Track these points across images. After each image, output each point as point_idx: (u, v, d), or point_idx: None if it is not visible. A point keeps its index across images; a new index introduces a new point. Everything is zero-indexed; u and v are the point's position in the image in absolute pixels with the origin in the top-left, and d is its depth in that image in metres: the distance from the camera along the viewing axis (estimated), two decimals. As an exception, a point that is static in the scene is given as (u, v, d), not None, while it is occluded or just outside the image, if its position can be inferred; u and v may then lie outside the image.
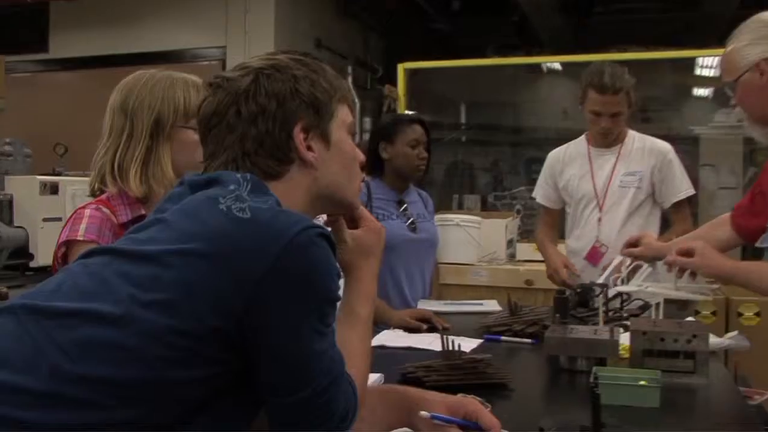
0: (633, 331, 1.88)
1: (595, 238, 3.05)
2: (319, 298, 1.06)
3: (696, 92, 6.84)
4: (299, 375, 1.06)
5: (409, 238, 2.85)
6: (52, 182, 4.03)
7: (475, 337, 2.28)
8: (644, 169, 3.04)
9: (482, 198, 5.93)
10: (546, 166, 3.27)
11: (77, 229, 1.70)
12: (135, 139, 1.75)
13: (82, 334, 1.01)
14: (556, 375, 1.91)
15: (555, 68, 7.46)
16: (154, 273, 1.03)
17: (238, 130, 1.19)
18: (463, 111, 7.60)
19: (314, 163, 1.21)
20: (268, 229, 1.04)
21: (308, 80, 1.22)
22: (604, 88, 2.91)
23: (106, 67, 6.30)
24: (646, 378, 1.63)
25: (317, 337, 1.06)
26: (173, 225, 1.09)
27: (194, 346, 1.01)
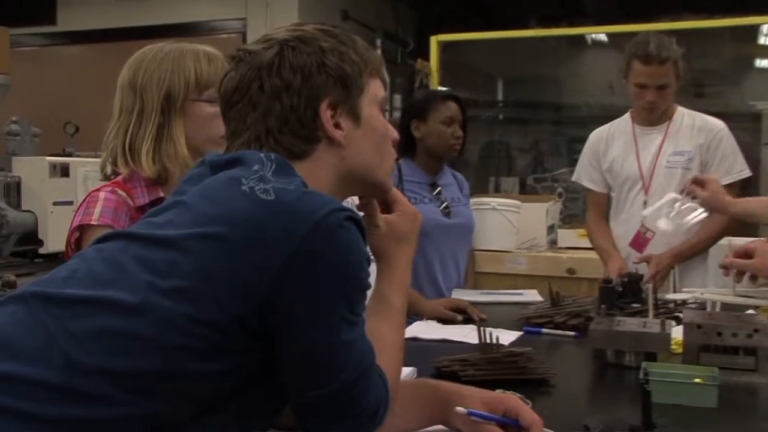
0: (686, 324, 1.86)
1: (640, 222, 3.01)
2: (348, 285, 1.06)
3: (758, 64, 6.72)
4: (327, 367, 1.06)
5: (442, 224, 2.84)
6: (63, 163, 4.07)
7: (514, 329, 2.27)
8: (693, 148, 3.00)
9: (521, 180, 5.92)
10: (588, 146, 3.24)
11: (91, 212, 1.71)
12: (146, 117, 1.75)
13: (96, 323, 1.02)
14: (602, 371, 1.90)
15: (600, 40, 7.38)
16: (172, 258, 1.03)
17: (261, 107, 1.19)
18: (501, 87, 7.56)
19: (342, 141, 1.20)
20: (293, 211, 1.04)
21: (336, 53, 1.21)
22: (649, 58, 2.87)
23: (119, 41, 6.34)
24: (702, 375, 1.61)
25: (346, 327, 1.05)
26: (192, 207, 1.09)
27: (214, 335, 1.01)
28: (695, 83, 6.33)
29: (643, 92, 2.94)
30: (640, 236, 2.99)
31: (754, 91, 6.01)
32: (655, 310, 2.20)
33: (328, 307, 1.04)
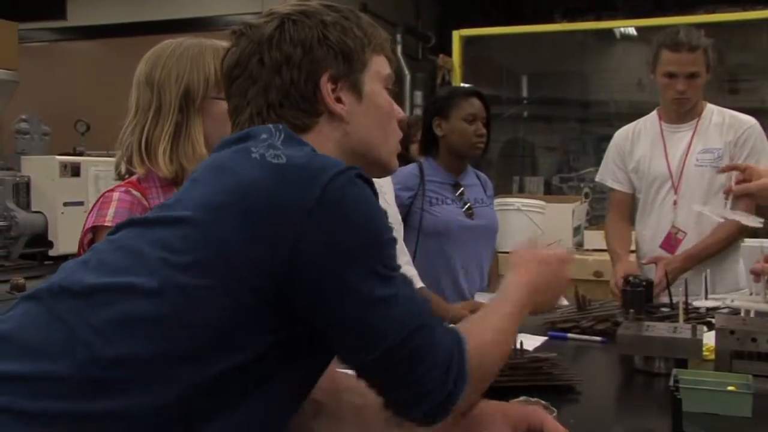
0: (719, 329, 1.85)
1: (670, 223, 2.99)
2: (369, 238, 1.07)
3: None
4: (368, 329, 1.06)
5: (465, 225, 2.84)
6: (73, 163, 4.09)
7: (539, 334, 2.26)
8: (723, 145, 2.96)
9: (546, 180, 5.91)
10: (613, 145, 3.21)
11: (105, 213, 1.71)
12: (163, 115, 1.75)
13: (117, 311, 1.03)
14: (630, 377, 1.89)
15: (629, 34, 7.36)
16: (185, 234, 1.05)
17: (262, 81, 1.21)
18: (525, 83, 7.56)
19: (344, 115, 1.22)
20: (305, 171, 1.05)
21: (338, 26, 1.23)
22: (678, 45, 2.86)
23: (131, 36, 6.39)
24: (735, 383, 1.60)
25: (378, 283, 1.06)
26: (202, 182, 1.11)
27: (237, 308, 1.02)
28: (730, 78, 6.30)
29: (673, 82, 2.92)
30: (672, 237, 2.97)
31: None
32: (686, 315, 2.19)
33: (353, 263, 1.04)
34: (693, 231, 2.93)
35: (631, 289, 2.36)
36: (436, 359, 1.10)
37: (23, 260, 4.11)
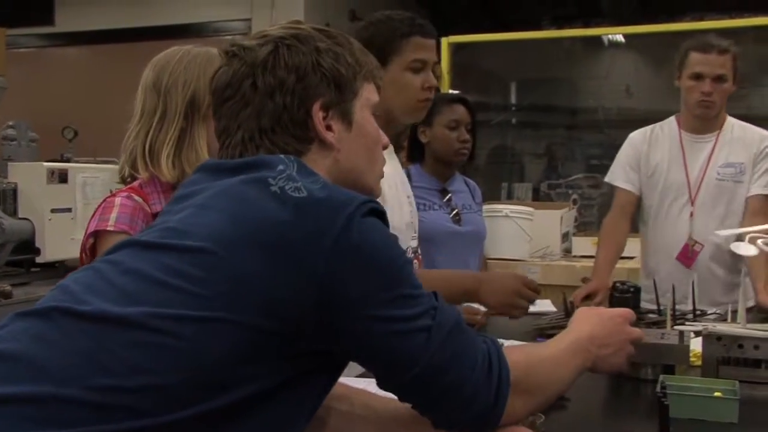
0: (706, 335, 1.86)
1: (687, 235, 2.94)
2: (391, 265, 1.09)
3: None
4: (404, 349, 1.09)
5: (452, 231, 2.84)
6: (61, 169, 4.08)
7: (527, 341, 2.26)
8: (746, 160, 2.93)
9: (534, 187, 5.92)
10: (628, 145, 3.13)
11: (107, 218, 1.72)
12: (168, 120, 1.76)
13: (134, 338, 1.02)
14: (618, 383, 1.89)
15: (617, 41, 7.39)
16: (201, 264, 1.05)
17: (254, 105, 1.21)
18: (514, 90, 7.58)
19: (334, 143, 1.23)
20: (326, 205, 1.07)
21: (332, 53, 1.24)
22: (708, 47, 2.85)
23: (120, 42, 6.39)
24: (722, 389, 1.60)
25: (407, 304, 1.09)
26: (214, 210, 1.11)
27: (258, 340, 1.04)
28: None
29: (699, 84, 2.87)
30: (688, 249, 2.93)
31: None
32: (674, 321, 2.20)
33: (380, 293, 1.07)
34: (710, 243, 2.90)
35: (618, 295, 2.36)
36: (475, 360, 1.13)
37: (10, 267, 4.09)
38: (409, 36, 2.11)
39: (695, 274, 2.88)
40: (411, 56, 2.10)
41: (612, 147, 4.96)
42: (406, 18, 2.13)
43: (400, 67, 2.10)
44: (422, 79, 2.11)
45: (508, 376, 1.15)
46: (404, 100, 2.11)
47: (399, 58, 2.10)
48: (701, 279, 2.87)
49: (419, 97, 2.12)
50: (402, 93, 2.11)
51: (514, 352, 1.22)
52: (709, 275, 2.93)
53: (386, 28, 2.11)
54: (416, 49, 2.11)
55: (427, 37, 2.14)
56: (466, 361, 1.12)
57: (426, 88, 2.12)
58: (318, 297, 1.04)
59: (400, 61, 2.10)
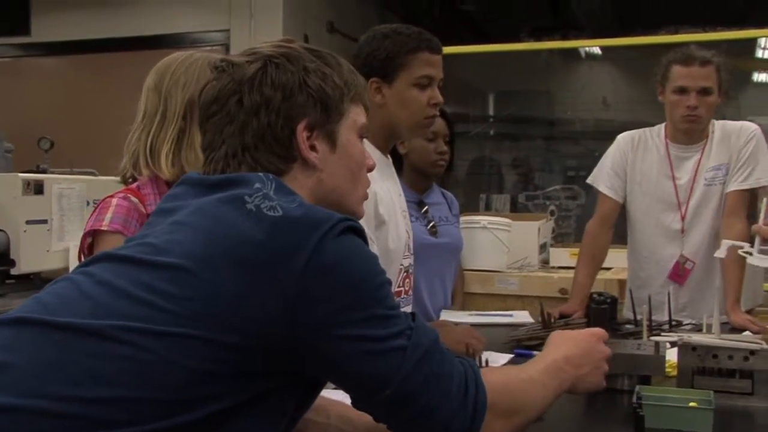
0: (681, 346, 1.87)
1: (677, 251, 2.91)
2: (367, 285, 1.09)
3: (757, 78, 6.79)
4: (378, 369, 1.09)
5: (428, 243, 2.84)
6: (36, 180, 4.04)
7: (505, 352, 2.27)
8: (728, 159, 2.87)
9: (512, 198, 5.93)
10: (615, 149, 3.04)
11: (102, 218, 1.79)
12: (168, 120, 1.82)
13: (106, 351, 1.03)
14: (594, 395, 1.88)
15: (595, 53, 7.45)
16: (176, 281, 1.05)
17: (239, 121, 1.21)
18: (492, 101, 7.61)
19: (317, 164, 1.24)
20: (301, 224, 1.08)
21: (320, 74, 1.24)
22: (690, 59, 2.79)
23: (97, 53, 6.35)
24: (697, 399, 1.61)
25: (381, 324, 1.09)
26: (190, 228, 1.11)
27: (231, 358, 1.04)
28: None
29: (683, 98, 2.80)
30: (679, 267, 2.89)
31: (751, 105, 6.07)
32: (650, 332, 2.21)
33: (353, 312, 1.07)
34: (701, 261, 2.86)
35: (595, 306, 2.37)
36: (452, 382, 1.12)
37: (-16, 279, 4.04)
38: (417, 51, 2.09)
39: (671, 286, 2.88)
40: (419, 72, 2.09)
41: (589, 158, 5.00)
42: (414, 33, 2.10)
43: (407, 83, 2.08)
44: (428, 95, 2.10)
45: (485, 398, 1.15)
46: (410, 116, 2.10)
47: (406, 73, 2.08)
48: (695, 291, 2.87)
49: (425, 114, 2.11)
50: (408, 109, 2.09)
51: (492, 374, 1.23)
52: (706, 286, 2.86)
53: (393, 42, 2.09)
54: (424, 65, 2.09)
55: (435, 53, 2.12)
56: (442, 382, 1.12)
57: (432, 104, 2.10)
58: (290, 316, 1.04)
59: (407, 76, 2.08)
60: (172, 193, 1.24)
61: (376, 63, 2.08)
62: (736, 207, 2.85)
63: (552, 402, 1.31)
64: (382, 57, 2.07)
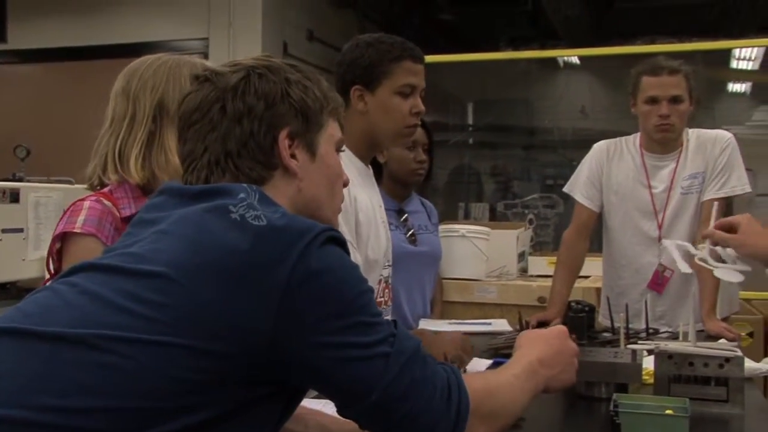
0: (658, 354, 1.88)
1: (655, 259, 2.93)
2: (349, 293, 1.10)
3: (731, 88, 6.87)
4: (361, 376, 1.09)
5: (407, 252, 2.85)
6: (12, 189, 4.01)
7: (483, 359, 2.27)
8: (705, 168, 2.90)
9: (491, 206, 5.95)
10: (591, 158, 3.07)
11: (75, 221, 1.71)
12: (137, 123, 1.78)
13: (89, 361, 1.02)
14: (572, 402, 1.91)
15: (572, 62, 7.50)
16: (160, 290, 1.05)
17: (221, 128, 1.22)
18: (471, 110, 7.64)
19: (297, 172, 1.25)
20: (285, 233, 1.08)
21: (301, 86, 1.26)
22: (658, 69, 2.83)
23: (74, 60, 6.32)
24: (673, 407, 1.62)
25: (364, 332, 1.10)
26: (174, 236, 1.11)
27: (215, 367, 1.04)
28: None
29: (655, 108, 2.83)
30: (659, 275, 2.90)
31: (727, 115, 6.13)
32: (627, 340, 2.23)
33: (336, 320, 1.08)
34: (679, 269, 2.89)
35: (573, 315, 2.39)
36: (435, 388, 1.14)
37: (-41, 289, 4.01)
38: (400, 60, 2.09)
39: (648, 294, 2.90)
40: (401, 80, 2.09)
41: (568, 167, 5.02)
42: (397, 42, 2.11)
43: (390, 91, 2.09)
44: (411, 104, 2.10)
45: (468, 403, 1.17)
46: (391, 125, 2.11)
47: (388, 81, 2.08)
48: (673, 300, 2.89)
49: (407, 123, 2.11)
50: (389, 117, 2.10)
51: (473, 379, 1.24)
52: (684, 294, 2.89)
53: (376, 51, 2.09)
54: (407, 74, 2.10)
55: (417, 62, 2.12)
56: (425, 388, 1.13)
57: (414, 113, 2.11)
58: (274, 325, 1.04)
59: (389, 84, 2.08)
60: (152, 203, 1.23)
61: (359, 70, 2.09)
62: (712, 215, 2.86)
63: (528, 403, 1.33)
64: (365, 64, 2.07)
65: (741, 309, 3.56)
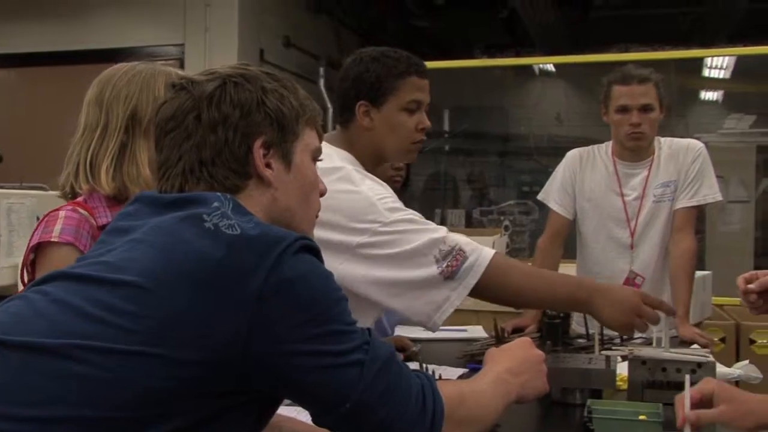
0: (632, 360, 1.90)
1: (626, 266, 2.94)
2: (323, 303, 1.10)
3: (703, 96, 6.94)
4: (335, 384, 1.09)
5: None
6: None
7: (458, 366, 2.28)
8: (677, 176, 2.93)
9: (467, 213, 5.97)
10: (564, 166, 3.09)
11: (51, 230, 1.69)
12: (109, 133, 1.76)
13: (60, 370, 1.02)
14: (547, 408, 1.92)
15: (548, 70, 7.54)
16: (133, 299, 1.05)
17: (196, 137, 1.22)
18: (447, 117, 7.66)
19: (272, 181, 1.24)
20: (259, 243, 1.08)
21: (277, 94, 1.25)
22: (629, 78, 2.86)
23: (48, 66, 6.27)
24: (646, 412, 1.64)
25: (338, 340, 1.10)
26: (148, 245, 1.11)
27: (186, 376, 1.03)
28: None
29: (626, 116, 2.87)
30: (629, 282, 2.90)
31: (699, 122, 6.19)
32: (601, 346, 2.24)
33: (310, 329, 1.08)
34: (651, 275, 2.90)
35: (548, 321, 2.39)
36: (409, 394, 1.14)
37: (-71, 296, 3.96)
38: (406, 76, 2.06)
39: None
40: (408, 97, 2.06)
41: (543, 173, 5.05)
42: (402, 56, 2.08)
43: (396, 108, 2.05)
44: (416, 119, 2.07)
45: (443, 409, 1.17)
46: (397, 141, 2.08)
47: (395, 98, 2.05)
48: None
49: (413, 139, 2.09)
50: (395, 134, 2.07)
51: (446, 386, 1.24)
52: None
53: (382, 66, 2.06)
54: (413, 90, 2.07)
55: (423, 77, 2.10)
56: (399, 395, 1.13)
57: (420, 129, 2.08)
58: (248, 334, 1.04)
59: (396, 101, 2.05)
60: (126, 212, 1.23)
61: (364, 86, 2.05)
62: (685, 223, 2.92)
63: (501, 411, 1.34)
64: (371, 80, 2.04)
65: (713, 314, 3.59)
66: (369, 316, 2.00)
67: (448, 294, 1.86)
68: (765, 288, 1.98)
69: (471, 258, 1.87)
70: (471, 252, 1.88)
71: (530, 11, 6.87)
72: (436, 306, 1.87)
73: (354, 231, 1.86)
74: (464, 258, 1.86)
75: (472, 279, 1.86)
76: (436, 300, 1.87)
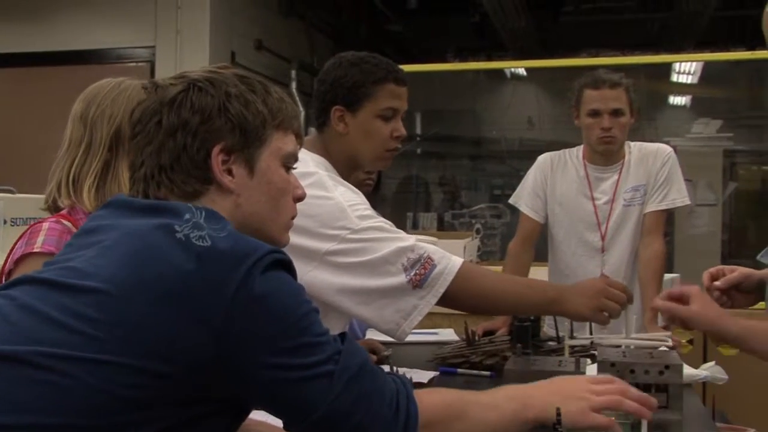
0: (600, 362, 1.91)
1: (597, 269, 2.96)
2: (292, 316, 1.10)
3: (672, 101, 7.02)
4: (306, 394, 1.09)
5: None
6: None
7: (429, 369, 2.28)
8: (646, 180, 2.97)
9: (438, 216, 5.99)
10: (535, 170, 3.12)
11: (34, 242, 1.71)
12: (93, 151, 1.78)
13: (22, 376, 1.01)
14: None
15: (519, 74, 7.57)
16: (99, 306, 1.04)
17: (156, 141, 1.22)
18: (418, 120, 7.67)
19: (232, 188, 1.23)
20: (229, 256, 1.07)
21: (242, 99, 1.24)
22: (599, 82, 2.88)
23: (16, 67, 6.20)
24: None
25: (309, 351, 1.09)
26: (116, 251, 1.10)
27: (152, 385, 1.03)
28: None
29: (597, 121, 2.89)
30: None
31: (668, 127, 6.26)
32: (571, 349, 2.25)
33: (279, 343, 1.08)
34: (621, 278, 2.88)
35: (518, 324, 2.40)
36: (382, 400, 1.14)
37: None
38: (383, 82, 2.04)
39: None
40: (384, 104, 2.03)
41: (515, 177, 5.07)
42: (381, 62, 2.06)
43: (371, 114, 2.03)
44: (392, 127, 2.05)
45: (416, 414, 1.17)
46: (372, 148, 2.06)
47: (371, 104, 2.03)
48: None
49: (387, 146, 2.07)
50: (370, 140, 2.05)
51: (431, 393, 1.24)
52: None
53: (360, 71, 2.03)
54: (390, 97, 2.04)
55: (401, 85, 2.08)
56: (372, 402, 1.13)
57: (395, 137, 2.07)
58: (216, 347, 1.04)
59: (372, 107, 2.03)
60: (97, 215, 1.23)
61: (341, 91, 2.03)
62: (654, 227, 2.96)
63: (508, 426, 1.30)
64: (348, 85, 2.02)
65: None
66: (336, 326, 2.00)
67: (416, 302, 1.86)
68: (731, 285, 2.03)
69: (439, 266, 1.87)
70: (439, 260, 1.88)
71: (501, 16, 6.91)
72: (404, 314, 1.87)
73: (324, 237, 1.85)
74: (432, 266, 1.86)
75: (440, 287, 1.86)
76: (404, 308, 1.86)
